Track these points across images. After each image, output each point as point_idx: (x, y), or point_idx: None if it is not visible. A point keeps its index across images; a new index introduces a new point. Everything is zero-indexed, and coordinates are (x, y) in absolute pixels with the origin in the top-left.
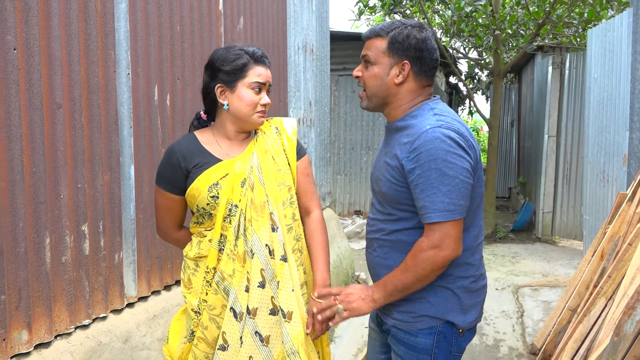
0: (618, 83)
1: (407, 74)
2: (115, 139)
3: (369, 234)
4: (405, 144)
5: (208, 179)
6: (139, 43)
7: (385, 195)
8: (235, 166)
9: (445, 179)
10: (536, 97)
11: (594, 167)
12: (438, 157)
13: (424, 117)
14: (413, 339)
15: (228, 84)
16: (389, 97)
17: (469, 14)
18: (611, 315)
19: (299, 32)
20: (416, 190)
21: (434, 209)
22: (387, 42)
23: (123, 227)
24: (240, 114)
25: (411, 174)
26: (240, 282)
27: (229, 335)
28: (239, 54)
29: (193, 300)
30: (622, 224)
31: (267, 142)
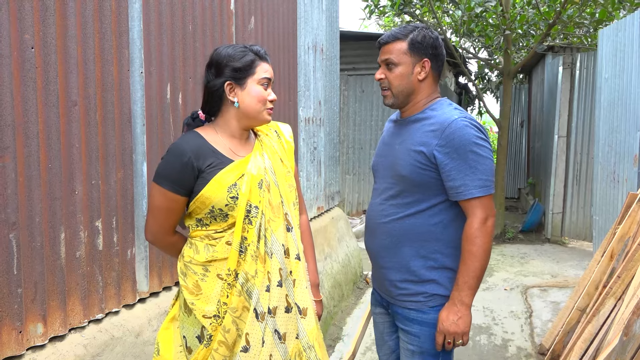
0: (629, 83)
1: (428, 71)
2: (129, 137)
3: (376, 219)
4: (434, 132)
5: (225, 179)
6: (152, 42)
7: (404, 178)
8: (250, 167)
9: (480, 159)
10: (546, 97)
11: (605, 167)
12: (471, 141)
13: (444, 110)
14: (425, 316)
15: (237, 80)
16: (414, 92)
17: (479, 14)
18: (620, 315)
19: (309, 32)
20: (452, 172)
21: (474, 186)
22: (407, 44)
23: (135, 224)
24: (251, 110)
25: (445, 157)
26: (262, 283)
27: (252, 337)
28: (245, 51)
29: (204, 305)
30: (632, 225)
31: (272, 144)
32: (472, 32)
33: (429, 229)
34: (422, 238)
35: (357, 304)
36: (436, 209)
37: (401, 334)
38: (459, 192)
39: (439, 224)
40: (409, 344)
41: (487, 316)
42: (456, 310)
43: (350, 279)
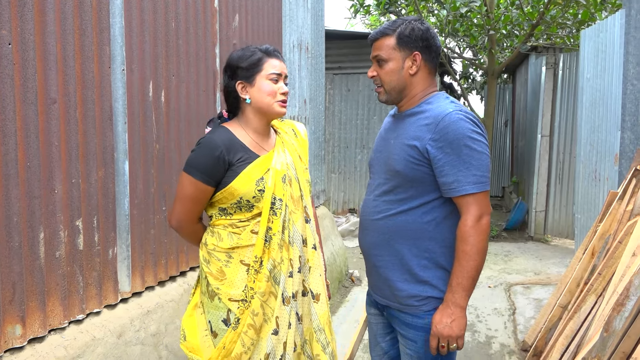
0: (610, 83)
1: (419, 64)
2: (110, 135)
3: (369, 215)
4: (428, 125)
5: (254, 173)
6: (134, 39)
7: (398, 173)
8: (274, 162)
9: (474, 154)
10: (530, 97)
11: (586, 166)
12: (465, 135)
13: (440, 103)
14: (420, 320)
15: (247, 79)
16: (406, 87)
17: (464, 14)
18: (601, 311)
19: (294, 30)
20: (445, 167)
21: (467, 182)
22: (395, 39)
23: (117, 223)
24: (262, 104)
25: (439, 152)
26: (287, 269)
27: (281, 320)
28: (254, 51)
29: (229, 289)
30: (613, 222)
31: (290, 141)
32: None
33: (422, 226)
34: (415, 236)
35: (342, 302)
36: (429, 205)
37: (399, 338)
38: (452, 188)
39: (432, 222)
40: (407, 348)
41: (471, 314)
42: (450, 313)
43: (336, 277)
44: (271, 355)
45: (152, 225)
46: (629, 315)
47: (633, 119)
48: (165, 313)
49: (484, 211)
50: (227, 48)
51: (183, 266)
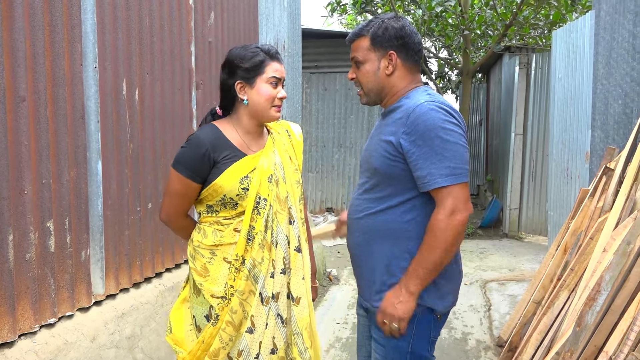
0: (581, 83)
1: (395, 63)
2: (82, 134)
3: (352, 214)
4: (400, 119)
5: (238, 171)
6: (106, 36)
7: (376, 171)
8: (261, 162)
9: (447, 145)
10: (504, 96)
11: (558, 164)
12: (437, 126)
13: (416, 97)
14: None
15: (247, 80)
16: (385, 88)
17: (439, 14)
18: (573, 306)
19: (271, 28)
20: (419, 161)
21: (440, 174)
22: (369, 39)
23: (90, 224)
24: (259, 107)
25: (411, 145)
26: (267, 269)
27: (257, 319)
28: (256, 52)
29: (212, 286)
30: (584, 219)
31: (283, 142)
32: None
33: (402, 225)
34: (395, 235)
35: (320, 301)
36: (409, 204)
37: (372, 341)
38: (425, 182)
39: (412, 221)
40: (375, 352)
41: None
42: (399, 295)
43: None
44: (244, 353)
45: (126, 226)
46: (600, 310)
47: (603, 118)
48: (141, 315)
49: (459, 206)
50: (202, 46)
51: (159, 267)
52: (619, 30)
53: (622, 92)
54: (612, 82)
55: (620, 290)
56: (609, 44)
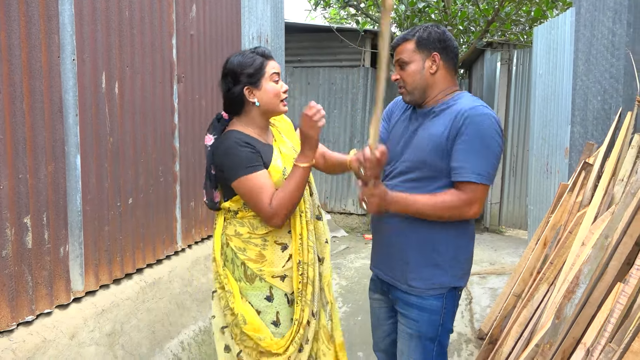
0: (561, 79)
1: (438, 63)
2: (60, 128)
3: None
4: (456, 116)
5: (278, 165)
6: (85, 28)
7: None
8: (282, 150)
9: (485, 149)
10: (485, 91)
11: (539, 159)
12: (484, 130)
13: (466, 100)
14: (425, 302)
15: (253, 83)
16: (428, 86)
17: (422, 10)
18: (553, 299)
19: (254, 22)
20: (457, 153)
21: (471, 170)
22: (415, 42)
23: (69, 220)
24: (270, 105)
25: (457, 138)
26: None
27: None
28: (253, 56)
29: (271, 268)
30: (563, 213)
31: (282, 126)
32: None
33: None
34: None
35: None
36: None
37: (400, 318)
38: (457, 173)
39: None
40: (407, 327)
41: None
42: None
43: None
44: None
45: (106, 222)
46: (578, 302)
47: (582, 114)
48: (121, 312)
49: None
50: (184, 39)
51: (140, 263)
52: (599, 27)
53: (601, 89)
54: (591, 79)
55: (598, 283)
56: (589, 41)
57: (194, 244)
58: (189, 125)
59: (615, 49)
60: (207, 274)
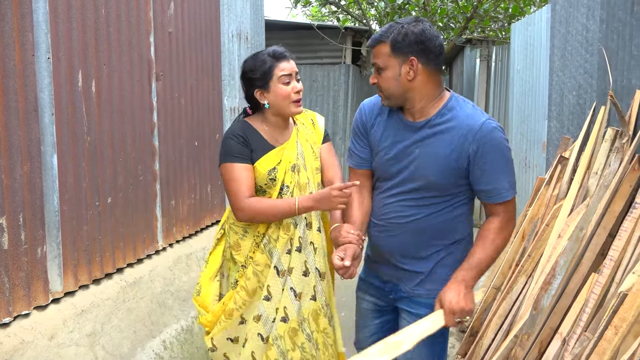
0: (538, 75)
1: (416, 69)
2: (35, 127)
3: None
4: (464, 137)
5: (267, 163)
6: (60, 26)
7: (431, 181)
8: (286, 153)
9: (509, 164)
10: (465, 87)
11: (517, 154)
12: (501, 145)
13: (466, 110)
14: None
15: (263, 87)
16: (406, 93)
17: (402, 6)
18: (531, 291)
19: (233, 19)
20: (484, 175)
21: (506, 188)
22: (389, 46)
23: (46, 220)
24: (279, 106)
25: (478, 161)
26: (284, 246)
27: (272, 289)
28: (263, 60)
29: (241, 258)
30: (541, 207)
31: (306, 132)
32: None
33: (449, 224)
34: (442, 232)
35: None
36: (455, 205)
37: (406, 315)
38: (492, 195)
39: (456, 218)
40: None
41: None
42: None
43: None
44: (262, 317)
45: (84, 221)
46: (555, 293)
47: (558, 109)
48: (102, 312)
49: (513, 215)
50: (162, 36)
51: (120, 262)
52: (573, 23)
53: (576, 84)
54: (567, 74)
55: (573, 274)
56: (564, 37)
57: (175, 242)
58: (169, 123)
59: (589, 44)
60: (189, 273)
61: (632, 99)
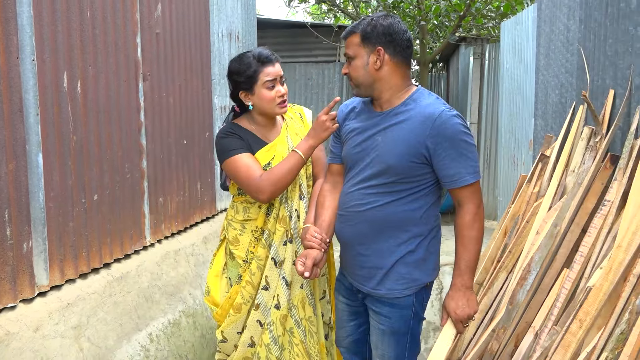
0: (525, 73)
1: (383, 58)
2: (21, 127)
3: (351, 207)
4: (424, 123)
5: (262, 159)
6: (45, 29)
7: (392, 168)
8: (278, 148)
9: (470, 148)
10: (460, 85)
11: (506, 152)
12: (460, 131)
13: (428, 100)
14: (397, 300)
15: (247, 90)
16: (374, 82)
17: (397, 5)
18: (510, 286)
19: (223, 19)
20: (445, 161)
21: (468, 172)
22: (359, 36)
23: (32, 216)
24: (264, 109)
25: (439, 148)
26: (280, 238)
27: (270, 279)
28: (248, 63)
29: (240, 253)
30: (522, 204)
31: (295, 126)
32: None
33: (409, 214)
34: (402, 223)
35: None
36: (416, 195)
37: (372, 314)
38: (455, 180)
39: (417, 209)
40: (379, 323)
41: None
42: (462, 295)
43: None
44: (262, 305)
45: (70, 218)
46: (530, 288)
47: (543, 107)
48: (88, 305)
49: (481, 199)
50: (149, 37)
51: (107, 258)
52: (556, 23)
53: (558, 83)
54: (550, 73)
55: (548, 269)
56: (549, 37)
57: (163, 238)
58: (156, 122)
59: (570, 44)
60: (177, 268)
61: (606, 98)
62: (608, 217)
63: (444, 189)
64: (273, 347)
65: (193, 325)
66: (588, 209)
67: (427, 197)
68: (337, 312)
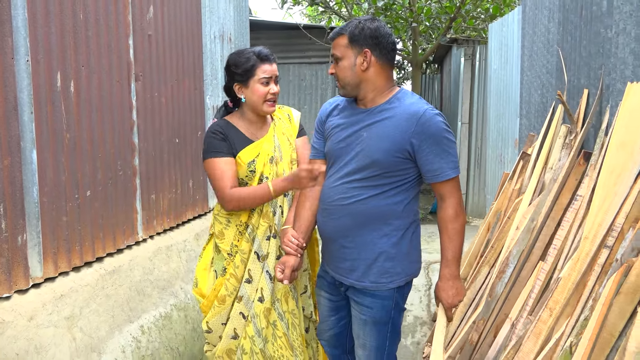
0: (511, 74)
1: (369, 60)
2: (15, 124)
3: (335, 200)
4: (408, 120)
5: (247, 156)
6: (39, 30)
7: (376, 163)
8: (264, 147)
9: (451, 144)
10: (452, 86)
11: (494, 150)
12: (442, 129)
13: (411, 99)
14: (378, 292)
15: (243, 82)
16: (360, 82)
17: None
18: (491, 280)
19: (215, 21)
20: (429, 157)
21: (449, 167)
22: (347, 38)
23: (26, 210)
24: (254, 103)
25: (423, 144)
26: (263, 233)
27: (253, 272)
28: (248, 57)
29: (225, 246)
30: (504, 200)
31: (283, 126)
32: None
33: (391, 207)
34: (385, 216)
35: None
36: (398, 189)
37: (354, 304)
38: (437, 174)
39: (399, 203)
40: (361, 314)
41: None
42: (451, 285)
43: None
44: (244, 298)
45: (64, 213)
46: (508, 281)
47: (527, 107)
48: (80, 297)
49: (460, 193)
50: (141, 39)
51: (99, 252)
52: (538, 25)
53: (540, 83)
54: (533, 74)
55: (526, 263)
56: (532, 38)
57: (155, 234)
58: (148, 121)
59: (550, 45)
60: (169, 263)
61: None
62: (579, 211)
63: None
64: (257, 339)
65: (184, 319)
66: (563, 204)
67: (409, 192)
68: (319, 307)
